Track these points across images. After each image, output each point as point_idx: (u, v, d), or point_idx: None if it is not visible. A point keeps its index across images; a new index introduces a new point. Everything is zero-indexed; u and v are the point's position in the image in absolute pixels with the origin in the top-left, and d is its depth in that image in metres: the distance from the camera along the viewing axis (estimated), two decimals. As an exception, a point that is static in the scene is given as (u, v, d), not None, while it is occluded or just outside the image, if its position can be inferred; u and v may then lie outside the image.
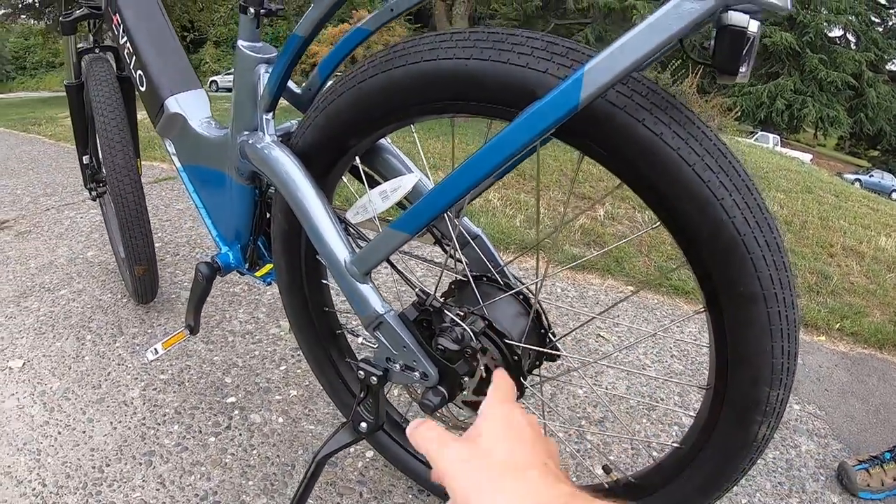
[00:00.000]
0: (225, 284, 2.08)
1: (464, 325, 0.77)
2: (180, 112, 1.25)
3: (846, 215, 4.27)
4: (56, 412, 1.41)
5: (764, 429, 0.74)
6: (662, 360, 1.83)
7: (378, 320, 0.83)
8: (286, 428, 1.38)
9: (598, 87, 0.57)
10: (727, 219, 0.63)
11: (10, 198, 3.19)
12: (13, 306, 1.91)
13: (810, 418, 1.66)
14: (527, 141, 0.61)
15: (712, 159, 0.63)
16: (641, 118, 0.62)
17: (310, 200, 0.85)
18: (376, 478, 1.25)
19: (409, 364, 0.84)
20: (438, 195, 0.70)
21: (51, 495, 1.18)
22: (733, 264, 0.65)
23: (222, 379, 1.55)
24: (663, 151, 0.62)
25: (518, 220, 2.96)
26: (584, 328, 1.94)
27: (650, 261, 2.65)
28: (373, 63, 0.77)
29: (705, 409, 0.80)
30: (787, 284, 0.67)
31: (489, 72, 0.66)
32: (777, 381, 0.70)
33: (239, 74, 1.02)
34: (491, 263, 0.95)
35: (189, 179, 1.29)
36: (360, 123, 0.81)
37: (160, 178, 3.58)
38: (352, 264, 0.82)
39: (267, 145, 0.94)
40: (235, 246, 1.25)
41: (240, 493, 1.19)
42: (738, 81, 0.63)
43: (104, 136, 1.57)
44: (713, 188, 0.62)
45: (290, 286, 1.08)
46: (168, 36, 1.37)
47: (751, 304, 0.66)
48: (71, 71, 1.86)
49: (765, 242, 0.64)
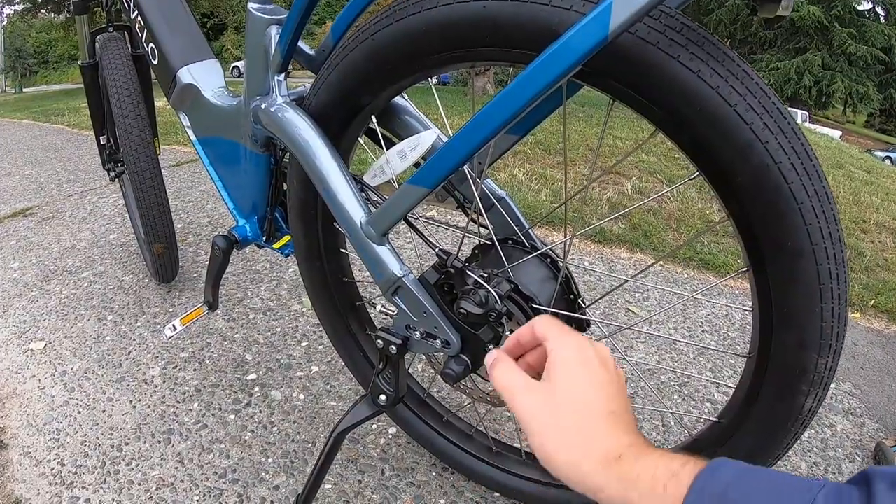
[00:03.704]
0: (247, 262, 2.06)
1: (488, 287, 0.72)
2: (193, 83, 1.22)
3: (878, 191, 4.14)
4: (76, 392, 1.40)
5: (810, 400, 0.69)
6: (694, 334, 1.77)
7: (396, 284, 0.79)
8: (307, 405, 1.35)
9: (631, 15, 0.51)
10: (773, 164, 0.57)
11: (34, 186, 3.20)
12: (36, 290, 1.91)
13: (845, 397, 1.60)
14: (552, 80, 0.56)
15: (755, 99, 0.57)
16: (676, 54, 0.56)
17: (324, 162, 0.81)
18: (399, 455, 1.22)
19: (429, 331, 0.80)
20: (458, 144, 0.65)
21: (69, 474, 1.16)
22: (779, 215, 0.59)
23: (243, 356, 1.53)
24: (702, 90, 0.56)
25: (544, 195, 2.90)
26: (613, 300, 1.89)
27: (679, 234, 2.58)
28: (386, 13, 0.72)
29: (746, 379, 0.75)
30: (837, 238, 0.61)
31: (509, 12, 0.61)
32: (826, 347, 0.65)
33: (250, 37, 0.98)
34: (516, 226, 0.90)
35: (204, 152, 1.26)
36: (375, 78, 0.77)
37: (182, 161, 3.58)
38: (368, 225, 0.78)
39: (280, 107, 0.90)
40: (252, 218, 1.22)
41: (259, 470, 1.17)
42: (780, 13, 0.57)
43: (120, 115, 1.55)
44: (757, 130, 0.57)
45: (307, 256, 1.05)
46: (179, 7, 1.34)
47: (799, 259, 0.60)
48: (85, 51, 1.84)
49: (814, 191, 0.59)
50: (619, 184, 3.14)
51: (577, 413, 0.49)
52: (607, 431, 0.48)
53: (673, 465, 0.43)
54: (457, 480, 1.16)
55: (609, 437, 0.47)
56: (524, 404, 0.52)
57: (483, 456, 1.09)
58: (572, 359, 0.53)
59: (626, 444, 0.46)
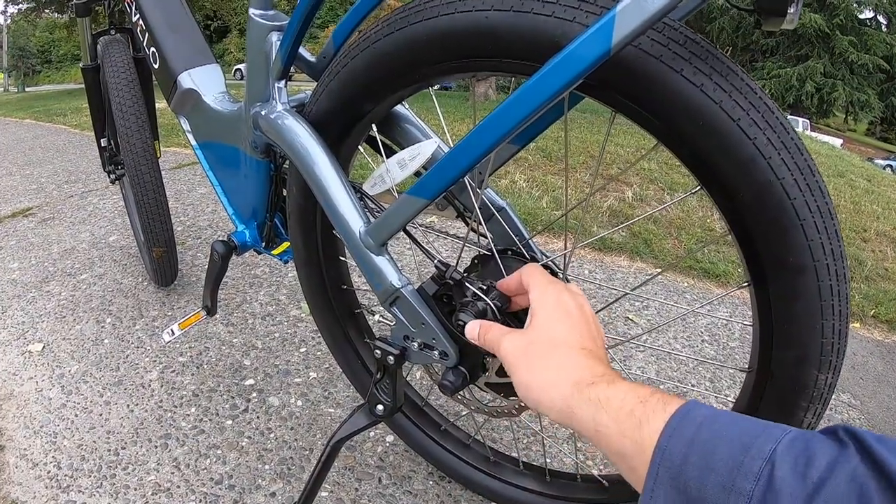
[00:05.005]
0: (246, 266, 2.06)
1: (486, 300, 0.72)
2: (194, 87, 1.22)
3: (879, 200, 4.14)
4: (74, 395, 1.39)
5: (810, 416, 0.68)
6: (693, 344, 1.77)
7: (395, 294, 0.78)
8: (304, 411, 1.35)
9: (635, 28, 0.51)
10: (776, 180, 0.57)
11: (35, 186, 3.21)
12: (35, 291, 1.91)
13: (845, 408, 1.59)
14: (554, 92, 0.56)
15: (758, 114, 0.57)
16: (680, 68, 0.56)
17: (323, 169, 0.81)
18: (396, 463, 1.21)
19: (427, 342, 0.79)
20: (458, 155, 0.65)
21: (65, 478, 1.16)
22: (781, 231, 0.59)
23: (241, 361, 1.52)
24: (705, 105, 0.56)
25: (545, 202, 2.90)
26: (612, 311, 1.88)
27: (679, 242, 2.58)
28: (388, 21, 0.72)
29: (746, 394, 0.74)
30: (839, 255, 0.60)
31: (511, 23, 0.61)
32: (826, 364, 0.64)
33: (251, 43, 0.98)
34: (517, 237, 0.90)
35: (204, 156, 1.26)
36: (376, 86, 0.76)
37: (183, 163, 3.57)
38: (366, 235, 0.78)
39: (279, 114, 0.89)
40: (252, 223, 1.22)
41: (256, 477, 1.16)
42: (784, 27, 0.57)
43: (121, 118, 1.55)
44: (760, 146, 0.56)
45: (306, 263, 1.04)
46: (181, 12, 1.34)
47: (800, 276, 0.60)
48: (87, 53, 1.85)
49: (816, 208, 0.58)
50: (619, 191, 3.13)
51: (554, 347, 0.55)
52: (581, 362, 0.52)
53: (641, 391, 0.46)
54: (454, 490, 1.16)
55: (582, 367, 0.52)
56: (506, 347, 0.58)
57: (480, 465, 1.09)
58: (551, 303, 0.59)
59: (599, 374, 0.50)
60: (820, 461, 0.34)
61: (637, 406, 0.44)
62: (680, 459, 0.39)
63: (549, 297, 0.59)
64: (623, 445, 0.44)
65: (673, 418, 0.42)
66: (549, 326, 0.57)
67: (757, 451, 0.36)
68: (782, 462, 0.35)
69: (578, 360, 0.53)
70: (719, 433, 0.39)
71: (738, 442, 0.38)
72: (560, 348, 0.54)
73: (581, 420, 0.48)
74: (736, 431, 0.39)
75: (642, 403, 0.44)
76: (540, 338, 0.56)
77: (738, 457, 0.37)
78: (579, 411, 0.48)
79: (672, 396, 0.44)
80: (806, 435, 0.37)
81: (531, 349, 0.55)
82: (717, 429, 0.39)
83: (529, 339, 0.57)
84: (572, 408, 0.49)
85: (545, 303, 0.59)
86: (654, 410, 0.43)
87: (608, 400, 0.46)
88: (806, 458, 0.35)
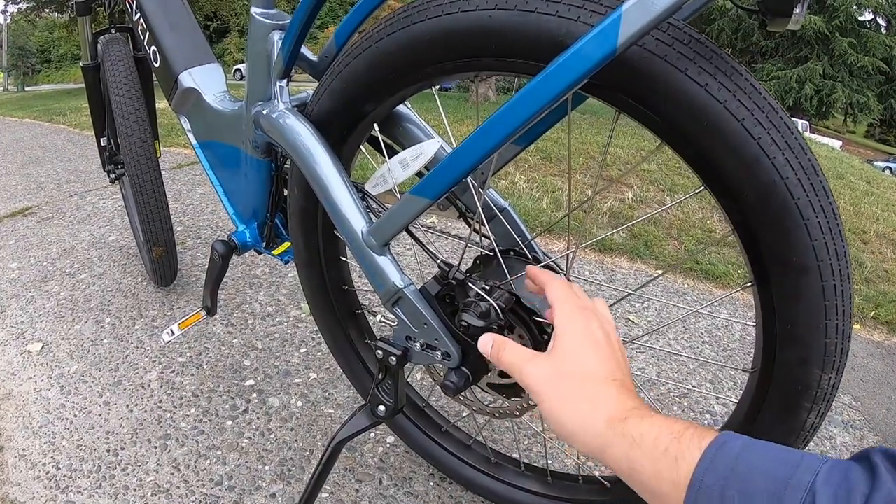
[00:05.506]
0: (246, 266, 2.05)
1: (489, 300, 0.72)
2: (194, 86, 1.21)
3: (878, 202, 4.14)
4: (73, 395, 1.39)
5: (813, 416, 0.68)
6: (694, 345, 1.77)
7: (397, 295, 0.78)
8: (305, 412, 1.34)
9: (641, 28, 0.51)
10: (780, 180, 0.57)
11: (34, 185, 3.20)
12: (34, 290, 1.91)
13: (845, 409, 1.59)
14: (558, 92, 0.55)
15: (762, 114, 0.57)
16: (684, 68, 0.56)
17: (325, 169, 0.80)
18: (397, 464, 1.21)
19: (430, 343, 0.79)
20: (461, 155, 0.64)
21: (64, 478, 1.15)
22: (785, 232, 0.58)
23: (241, 362, 1.52)
24: (709, 104, 0.56)
25: (545, 203, 2.90)
26: (613, 312, 1.88)
27: (680, 244, 2.57)
28: (391, 20, 0.72)
29: (749, 395, 0.74)
30: (842, 255, 0.60)
31: (515, 22, 0.61)
32: (829, 364, 0.64)
33: (253, 42, 0.97)
34: (519, 237, 0.90)
35: (204, 156, 1.26)
36: (378, 86, 0.76)
37: (183, 163, 3.57)
38: (369, 235, 0.77)
39: (281, 113, 0.89)
40: (252, 223, 1.21)
41: (255, 478, 1.16)
42: (790, 27, 0.57)
43: (120, 117, 1.55)
44: (764, 146, 0.56)
45: (307, 264, 1.04)
46: (182, 11, 1.34)
47: (804, 276, 0.60)
48: (87, 52, 1.84)
49: (820, 208, 0.58)
50: (620, 192, 3.13)
51: (585, 380, 0.53)
52: (613, 396, 0.51)
53: (675, 427, 0.45)
54: (455, 491, 1.16)
55: (615, 401, 0.51)
56: (532, 374, 0.56)
57: (482, 467, 1.08)
58: (580, 331, 0.57)
59: (631, 408, 0.49)
60: (860, 489, 0.35)
61: (672, 443, 0.44)
62: (718, 493, 0.39)
63: (578, 325, 0.58)
64: (660, 485, 0.44)
65: (707, 451, 0.41)
66: (580, 358, 0.55)
67: (797, 483, 0.36)
68: (822, 494, 0.35)
69: (609, 393, 0.52)
70: (756, 466, 0.39)
71: (775, 474, 0.38)
72: (591, 381, 0.53)
73: (614, 457, 0.48)
74: (772, 463, 0.39)
75: (677, 440, 0.44)
76: (570, 370, 0.55)
77: (779, 490, 0.37)
78: (613, 448, 0.48)
79: (706, 430, 0.44)
80: (843, 464, 0.37)
81: (562, 382, 0.54)
82: (753, 461, 0.39)
83: (558, 370, 0.55)
84: (606, 444, 0.48)
85: (574, 330, 0.58)
86: (689, 447, 0.43)
87: (642, 437, 0.46)
88: (846, 489, 0.35)
